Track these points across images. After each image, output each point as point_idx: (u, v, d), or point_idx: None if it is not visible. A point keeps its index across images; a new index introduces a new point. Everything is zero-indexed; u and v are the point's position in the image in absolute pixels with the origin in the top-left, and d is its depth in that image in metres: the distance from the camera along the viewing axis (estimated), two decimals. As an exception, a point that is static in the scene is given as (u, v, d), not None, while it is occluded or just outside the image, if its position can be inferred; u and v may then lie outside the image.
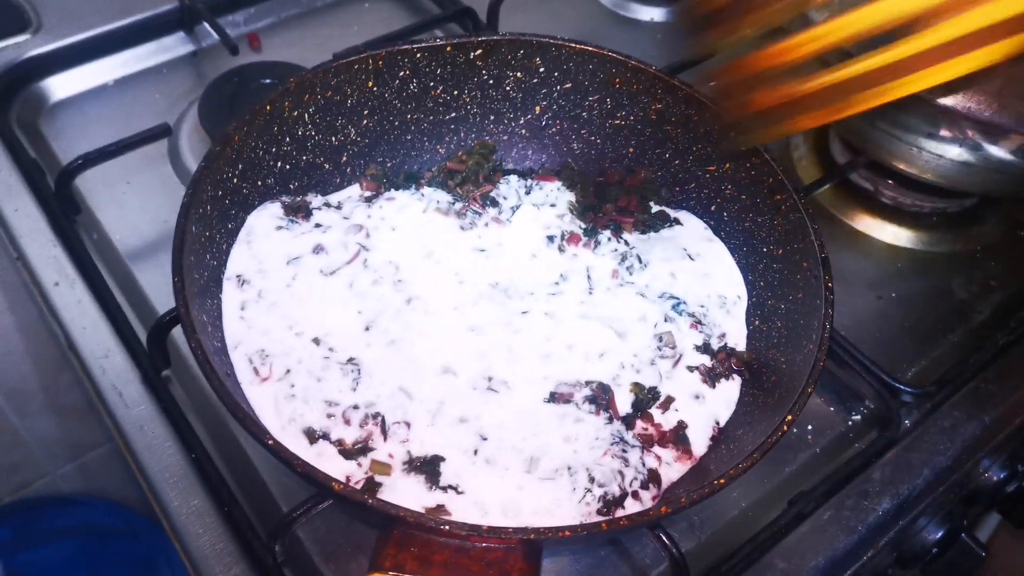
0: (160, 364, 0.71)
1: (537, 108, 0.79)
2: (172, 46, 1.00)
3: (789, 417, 0.55)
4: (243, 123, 0.66)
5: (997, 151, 0.75)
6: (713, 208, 0.76)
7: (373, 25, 1.02)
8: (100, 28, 0.96)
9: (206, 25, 0.97)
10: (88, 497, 1.39)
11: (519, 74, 0.77)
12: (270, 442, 0.51)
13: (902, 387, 0.74)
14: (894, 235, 0.89)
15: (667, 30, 1.10)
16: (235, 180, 0.67)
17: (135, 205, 0.84)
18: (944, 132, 0.74)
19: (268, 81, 0.91)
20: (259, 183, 0.70)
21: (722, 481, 0.52)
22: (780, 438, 0.54)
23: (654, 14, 1.11)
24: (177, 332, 0.71)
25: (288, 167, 0.72)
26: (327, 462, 0.59)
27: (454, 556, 0.50)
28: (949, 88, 0.70)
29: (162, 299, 0.76)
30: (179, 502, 0.63)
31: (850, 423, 0.76)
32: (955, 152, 0.75)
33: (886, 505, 0.69)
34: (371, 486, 0.58)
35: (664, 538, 0.57)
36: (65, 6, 0.97)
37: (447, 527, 0.49)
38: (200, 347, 0.54)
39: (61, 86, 0.95)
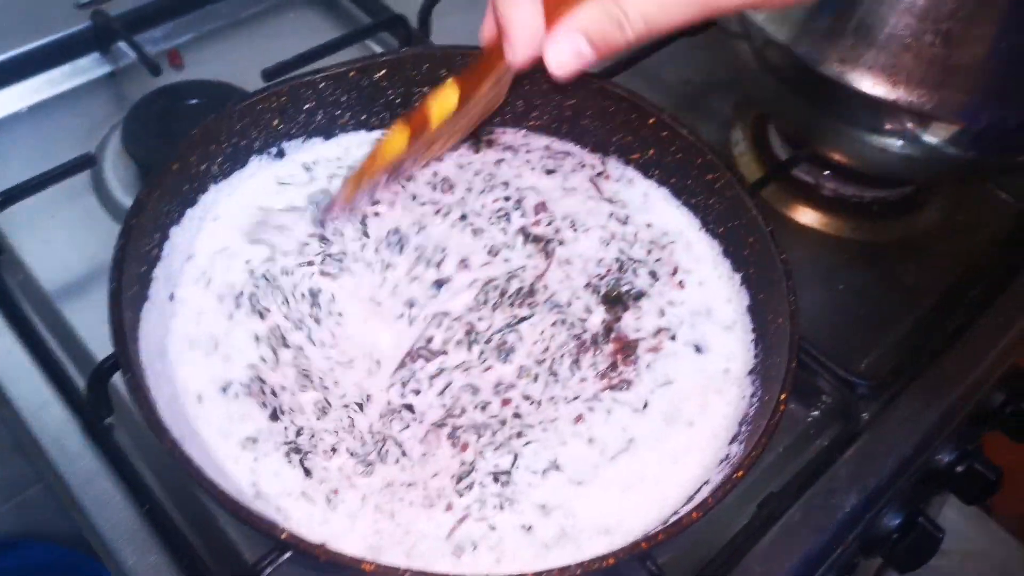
0: (103, 411, 0.67)
1: None
2: (88, 68, 0.94)
3: (783, 395, 0.55)
4: (154, 186, 0.61)
5: (934, 141, 0.76)
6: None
7: (300, 37, 0.98)
8: (7, 53, 0.90)
9: (122, 44, 0.92)
10: (27, 539, 1.32)
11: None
12: (284, 537, 0.48)
13: (856, 380, 0.74)
14: (838, 227, 0.90)
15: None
16: (155, 250, 0.63)
17: (61, 241, 0.79)
18: (887, 126, 0.74)
19: (195, 102, 0.87)
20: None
21: (741, 473, 0.51)
22: (780, 419, 0.54)
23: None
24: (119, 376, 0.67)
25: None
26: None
27: None
28: (891, 82, 0.71)
29: (98, 341, 0.72)
30: (135, 559, 0.60)
31: (810, 419, 0.76)
32: (897, 145, 0.75)
33: (853, 500, 0.69)
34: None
35: (642, 556, 0.56)
36: (-34, 31, 0.92)
37: None
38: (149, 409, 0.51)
39: (-31, 117, 0.89)
